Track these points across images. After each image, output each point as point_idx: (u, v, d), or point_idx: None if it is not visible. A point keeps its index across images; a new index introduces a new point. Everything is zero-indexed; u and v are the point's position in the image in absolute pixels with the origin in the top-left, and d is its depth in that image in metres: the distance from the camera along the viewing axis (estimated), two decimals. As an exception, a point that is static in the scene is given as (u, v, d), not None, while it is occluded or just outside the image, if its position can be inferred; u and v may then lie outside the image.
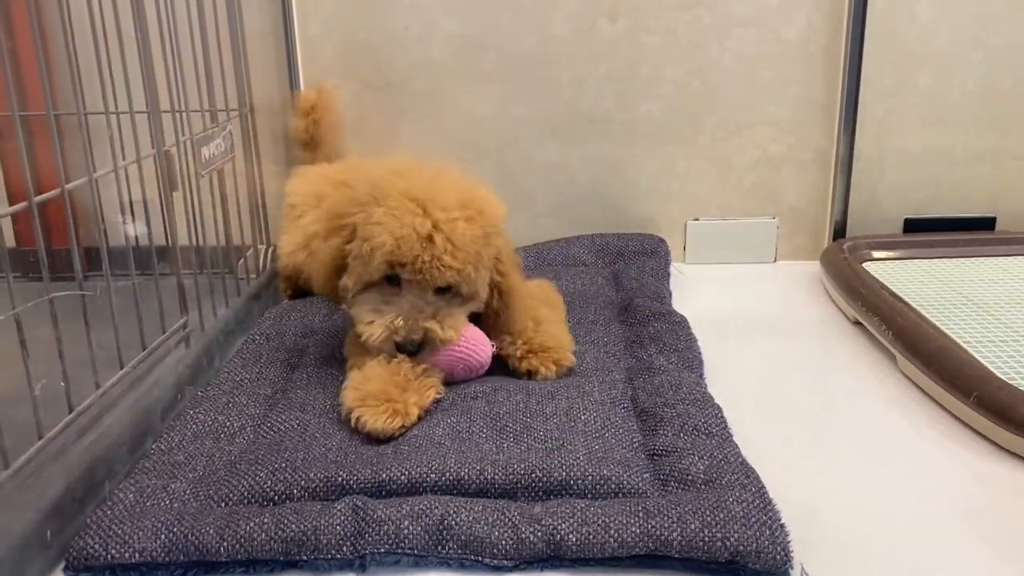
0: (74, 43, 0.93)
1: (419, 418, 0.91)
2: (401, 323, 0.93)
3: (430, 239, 0.91)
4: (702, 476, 0.80)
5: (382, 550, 0.72)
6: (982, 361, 1.00)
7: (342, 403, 0.92)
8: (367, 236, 0.93)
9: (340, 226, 0.98)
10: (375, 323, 0.94)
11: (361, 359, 0.97)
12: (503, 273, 1.00)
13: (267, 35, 1.46)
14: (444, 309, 0.95)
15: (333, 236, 0.99)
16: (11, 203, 0.81)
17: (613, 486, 0.79)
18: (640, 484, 0.79)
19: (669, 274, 1.40)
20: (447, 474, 0.80)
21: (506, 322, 1.03)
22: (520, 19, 1.47)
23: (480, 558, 0.72)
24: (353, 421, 0.89)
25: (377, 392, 0.90)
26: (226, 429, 0.92)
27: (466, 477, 0.79)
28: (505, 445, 0.85)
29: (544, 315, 1.07)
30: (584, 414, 0.90)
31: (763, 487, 0.77)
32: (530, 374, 1.01)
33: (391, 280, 0.95)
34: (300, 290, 1.33)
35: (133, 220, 1.28)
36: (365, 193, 0.96)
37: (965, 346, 1.04)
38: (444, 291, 0.95)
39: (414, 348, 0.94)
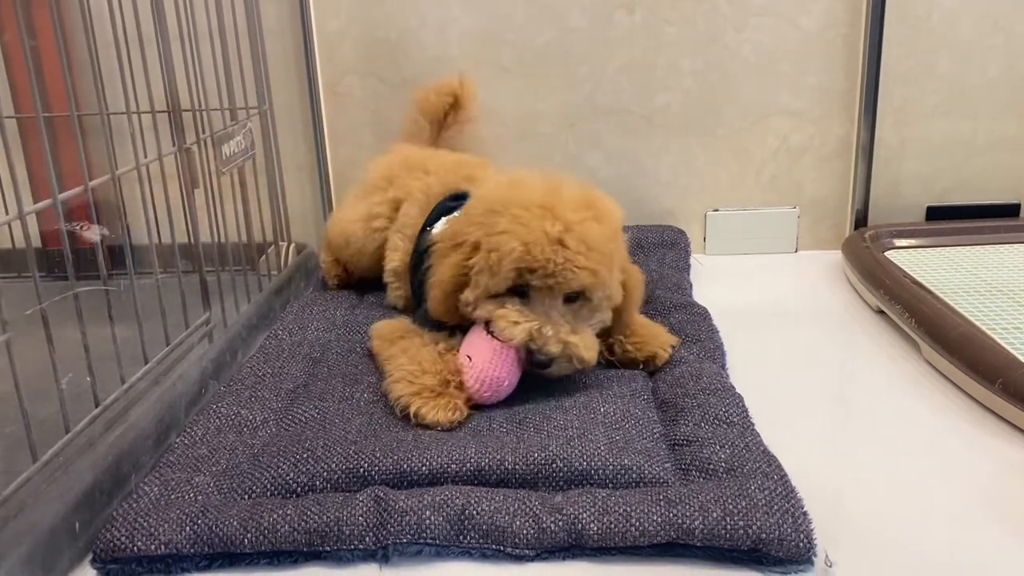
0: (96, 45, 0.94)
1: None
2: (549, 332, 0.88)
3: (561, 242, 0.88)
4: (724, 465, 0.79)
5: (404, 540, 0.73)
6: (1007, 347, 0.99)
7: (394, 395, 0.91)
8: (493, 247, 0.89)
9: (457, 244, 0.94)
10: (521, 325, 0.89)
11: (402, 348, 0.96)
12: (625, 271, 0.97)
13: (285, 33, 1.47)
14: (580, 323, 0.91)
15: (451, 255, 0.95)
16: (36, 202, 0.82)
17: (634, 475, 0.79)
18: (661, 473, 0.79)
19: (689, 265, 1.40)
20: (467, 464, 0.80)
21: (624, 323, 1.00)
22: (537, 12, 1.47)
23: (501, 548, 0.73)
24: (412, 413, 0.88)
25: (433, 385, 0.89)
26: (249, 423, 0.93)
27: (486, 467, 0.80)
28: (525, 436, 0.85)
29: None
30: (604, 406, 0.90)
31: (785, 475, 0.77)
32: (646, 362, 1.01)
33: (517, 292, 0.91)
34: (344, 274, 1.32)
35: (88, 226, 1.26)
36: (483, 208, 0.93)
37: (989, 332, 1.03)
38: (572, 300, 0.91)
39: (548, 360, 0.89)
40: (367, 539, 0.73)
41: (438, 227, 1.09)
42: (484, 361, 0.90)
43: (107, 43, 0.99)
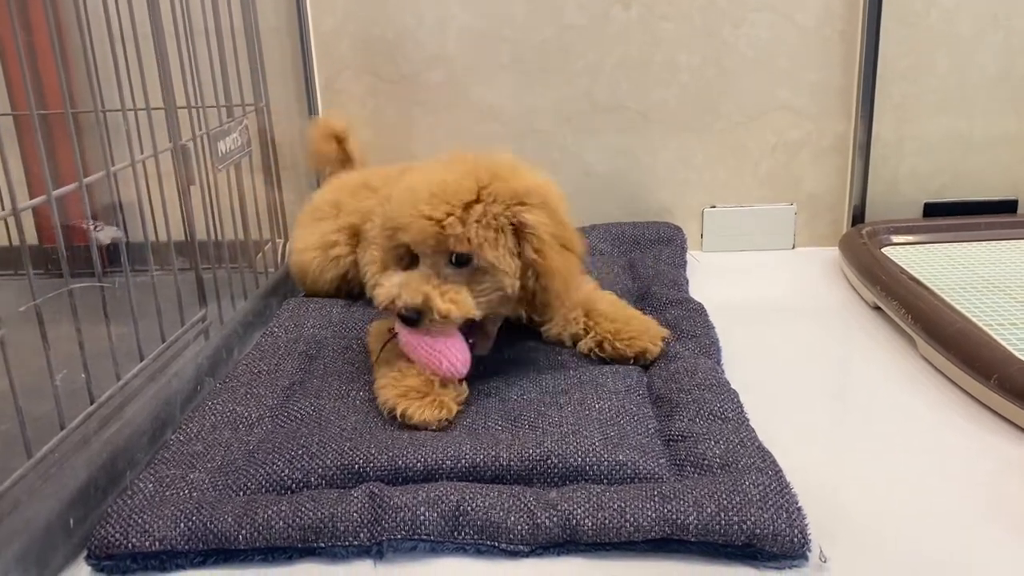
0: (91, 41, 0.94)
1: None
2: (404, 289, 0.91)
3: (417, 198, 0.92)
4: (718, 460, 0.79)
5: (399, 536, 0.73)
6: (1003, 343, 0.99)
7: (381, 400, 0.92)
8: (379, 218, 0.95)
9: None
10: (384, 287, 0.93)
11: (387, 355, 0.97)
12: (538, 251, 0.95)
13: (282, 30, 1.47)
14: (456, 282, 0.93)
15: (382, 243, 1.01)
16: (31, 199, 0.82)
17: (629, 471, 0.79)
18: (656, 469, 0.79)
19: (686, 262, 1.40)
20: (463, 461, 0.80)
21: (544, 303, 0.99)
22: (534, 9, 1.47)
23: (496, 543, 0.73)
24: (399, 415, 0.88)
25: (417, 386, 0.90)
26: (244, 419, 0.92)
27: (481, 463, 0.80)
28: (520, 432, 0.85)
29: (608, 306, 1.07)
30: (599, 403, 0.90)
31: (780, 470, 0.77)
32: (637, 357, 1.02)
33: (411, 260, 0.95)
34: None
35: (103, 227, 1.27)
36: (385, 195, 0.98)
37: (986, 329, 1.03)
38: (463, 265, 0.93)
39: (413, 316, 0.90)
40: (362, 535, 0.73)
41: None
42: (427, 350, 0.92)
43: (102, 39, 0.99)
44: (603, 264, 1.35)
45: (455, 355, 0.92)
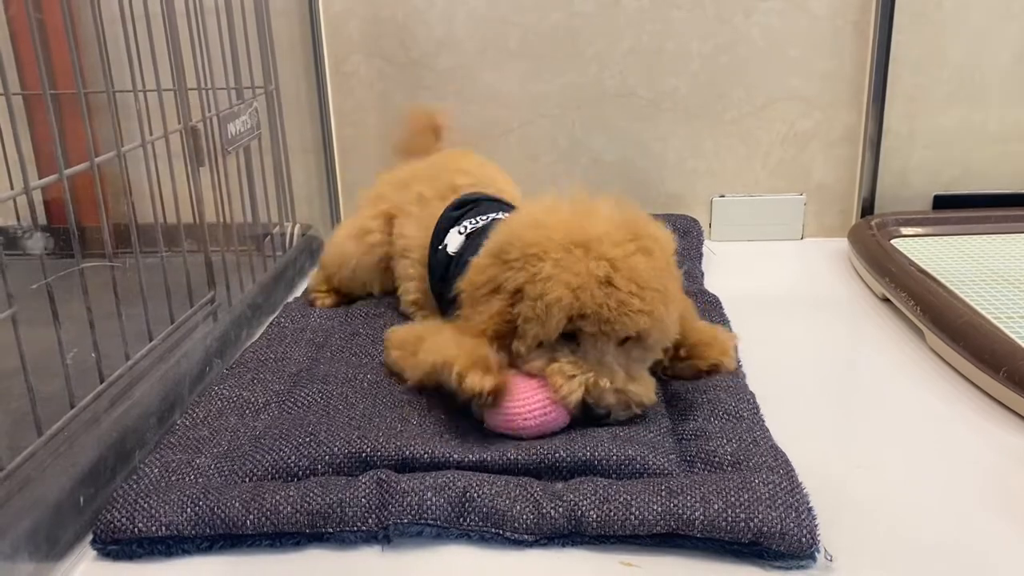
0: (103, 22, 0.94)
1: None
2: (606, 383, 0.83)
3: (610, 282, 0.81)
4: (729, 458, 0.79)
5: (405, 520, 0.73)
6: (1012, 336, 0.99)
7: (431, 360, 0.85)
8: (539, 294, 0.82)
9: (494, 290, 0.87)
10: (576, 379, 0.83)
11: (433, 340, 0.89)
12: (680, 303, 0.89)
13: (291, 12, 1.47)
14: (635, 365, 0.86)
15: (490, 301, 0.87)
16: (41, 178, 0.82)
17: (638, 466, 0.78)
18: (666, 465, 0.79)
19: (702, 254, 1.40)
20: (470, 454, 0.80)
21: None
22: (545, -6, 1.46)
23: (501, 531, 0.73)
24: (455, 374, 0.80)
25: (479, 355, 0.83)
26: (251, 405, 0.93)
27: (489, 458, 0.80)
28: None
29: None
30: None
31: (792, 469, 0.76)
32: (710, 372, 0.92)
33: (567, 337, 0.85)
34: (336, 297, 1.23)
35: (33, 234, 1.23)
36: (518, 250, 0.85)
37: (994, 321, 1.03)
38: (624, 341, 0.85)
39: (605, 413, 0.84)
40: (370, 520, 0.73)
41: (452, 244, 1.03)
42: (535, 395, 0.84)
43: (114, 19, 0.99)
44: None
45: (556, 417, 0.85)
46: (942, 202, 1.52)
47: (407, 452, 0.80)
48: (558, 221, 0.86)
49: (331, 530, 0.73)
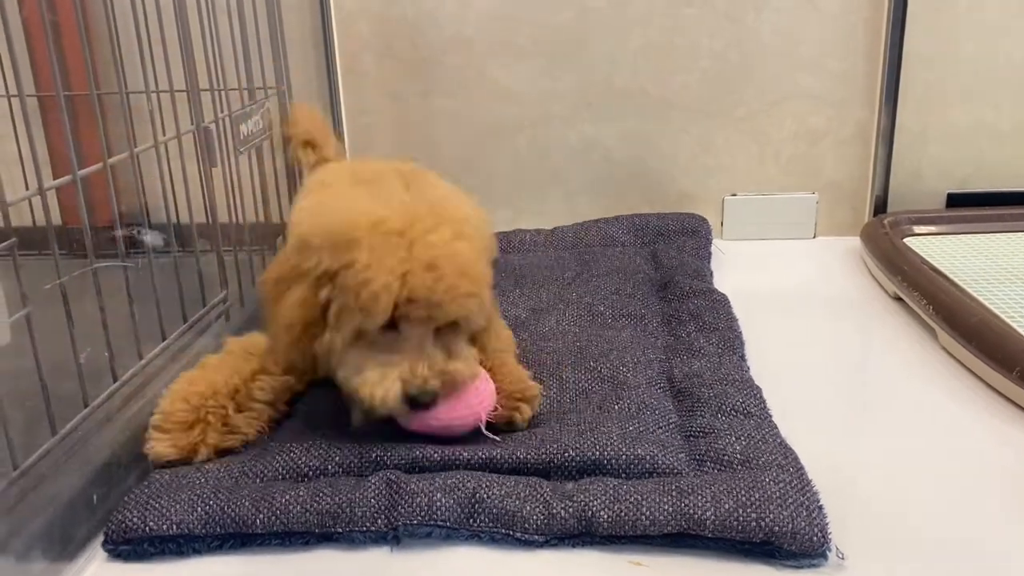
0: (116, 24, 0.95)
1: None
2: (424, 370, 0.80)
3: (434, 266, 0.79)
4: (739, 456, 0.79)
5: (415, 522, 0.73)
6: (1025, 337, 0.98)
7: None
8: (360, 282, 0.77)
9: (300, 274, 0.82)
10: (389, 378, 0.79)
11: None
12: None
13: (303, 12, 1.47)
14: (453, 347, 0.83)
15: (293, 290, 0.82)
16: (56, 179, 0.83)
17: (647, 466, 0.78)
18: (675, 464, 0.79)
19: (710, 253, 1.39)
20: (479, 453, 0.80)
21: (485, 350, 0.90)
22: (555, -8, 1.46)
23: (511, 532, 0.73)
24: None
25: (186, 413, 0.82)
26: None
27: (498, 457, 0.80)
28: (538, 431, 0.85)
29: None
30: (618, 403, 0.89)
31: (802, 468, 0.76)
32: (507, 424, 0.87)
33: (387, 326, 0.80)
34: None
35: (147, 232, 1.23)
36: (324, 233, 0.81)
37: (1008, 320, 1.02)
38: (438, 329, 0.83)
39: (430, 398, 0.80)
40: (379, 521, 0.73)
41: None
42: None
43: (126, 21, 1.00)
44: (624, 255, 1.34)
45: (487, 397, 0.85)
46: (956, 200, 1.51)
47: (417, 452, 0.80)
48: (361, 207, 0.82)
49: (340, 530, 0.73)
